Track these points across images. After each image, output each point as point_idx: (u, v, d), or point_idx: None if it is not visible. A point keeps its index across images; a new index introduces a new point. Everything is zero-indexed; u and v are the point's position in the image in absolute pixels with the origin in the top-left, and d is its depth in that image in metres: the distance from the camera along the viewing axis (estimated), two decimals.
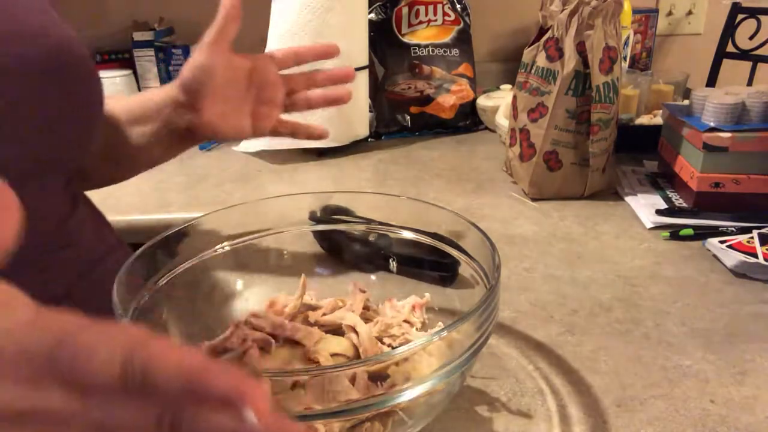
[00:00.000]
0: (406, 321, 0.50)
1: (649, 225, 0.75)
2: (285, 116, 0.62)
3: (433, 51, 1.19)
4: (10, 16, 0.46)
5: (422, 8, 1.18)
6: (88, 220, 0.56)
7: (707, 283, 0.63)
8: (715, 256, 0.67)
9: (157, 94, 0.59)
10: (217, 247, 0.55)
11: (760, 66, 1.34)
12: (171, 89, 0.57)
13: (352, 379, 0.39)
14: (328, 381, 0.37)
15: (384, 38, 1.16)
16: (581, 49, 0.78)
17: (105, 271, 0.52)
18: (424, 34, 1.19)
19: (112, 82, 1.22)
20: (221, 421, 0.21)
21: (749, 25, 1.33)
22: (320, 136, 0.64)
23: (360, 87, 1.06)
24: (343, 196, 0.66)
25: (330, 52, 0.61)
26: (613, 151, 0.85)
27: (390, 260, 0.60)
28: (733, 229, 0.71)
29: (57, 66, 0.48)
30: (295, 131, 0.63)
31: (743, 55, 1.35)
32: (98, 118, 0.54)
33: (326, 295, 0.55)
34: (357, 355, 0.46)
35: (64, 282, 0.50)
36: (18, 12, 0.47)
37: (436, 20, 1.20)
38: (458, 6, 1.21)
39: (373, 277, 0.60)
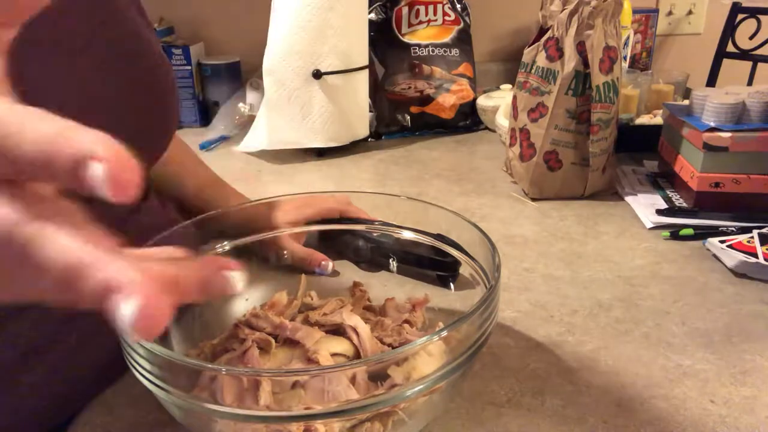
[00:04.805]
0: (406, 321, 0.50)
1: (649, 225, 0.75)
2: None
3: (433, 51, 1.19)
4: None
5: (422, 8, 1.18)
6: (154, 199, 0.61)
7: (707, 283, 0.63)
8: (715, 256, 0.67)
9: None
10: (217, 246, 0.55)
11: (760, 66, 1.34)
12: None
13: (352, 379, 0.39)
14: (328, 381, 0.37)
15: (384, 38, 1.16)
16: (581, 49, 0.78)
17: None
18: (424, 34, 1.19)
19: None
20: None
21: (749, 25, 1.33)
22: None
23: (360, 87, 1.06)
24: None
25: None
26: (613, 151, 0.85)
27: (390, 260, 0.60)
28: (733, 229, 0.71)
29: (147, 89, 0.52)
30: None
31: (743, 55, 1.35)
32: (174, 129, 0.61)
33: (326, 295, 0.55)
34: (357, 355, 0.46)
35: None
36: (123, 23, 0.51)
37: (436, 20, 1.20)
38: (458, 6, 1.21)
39: (373, 277, 0.60)
